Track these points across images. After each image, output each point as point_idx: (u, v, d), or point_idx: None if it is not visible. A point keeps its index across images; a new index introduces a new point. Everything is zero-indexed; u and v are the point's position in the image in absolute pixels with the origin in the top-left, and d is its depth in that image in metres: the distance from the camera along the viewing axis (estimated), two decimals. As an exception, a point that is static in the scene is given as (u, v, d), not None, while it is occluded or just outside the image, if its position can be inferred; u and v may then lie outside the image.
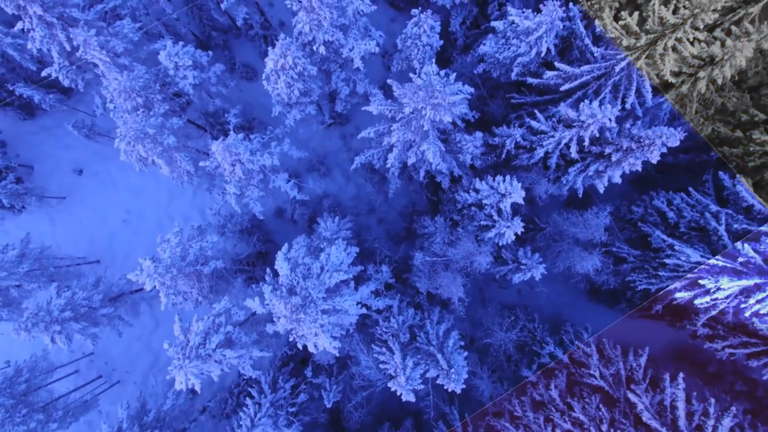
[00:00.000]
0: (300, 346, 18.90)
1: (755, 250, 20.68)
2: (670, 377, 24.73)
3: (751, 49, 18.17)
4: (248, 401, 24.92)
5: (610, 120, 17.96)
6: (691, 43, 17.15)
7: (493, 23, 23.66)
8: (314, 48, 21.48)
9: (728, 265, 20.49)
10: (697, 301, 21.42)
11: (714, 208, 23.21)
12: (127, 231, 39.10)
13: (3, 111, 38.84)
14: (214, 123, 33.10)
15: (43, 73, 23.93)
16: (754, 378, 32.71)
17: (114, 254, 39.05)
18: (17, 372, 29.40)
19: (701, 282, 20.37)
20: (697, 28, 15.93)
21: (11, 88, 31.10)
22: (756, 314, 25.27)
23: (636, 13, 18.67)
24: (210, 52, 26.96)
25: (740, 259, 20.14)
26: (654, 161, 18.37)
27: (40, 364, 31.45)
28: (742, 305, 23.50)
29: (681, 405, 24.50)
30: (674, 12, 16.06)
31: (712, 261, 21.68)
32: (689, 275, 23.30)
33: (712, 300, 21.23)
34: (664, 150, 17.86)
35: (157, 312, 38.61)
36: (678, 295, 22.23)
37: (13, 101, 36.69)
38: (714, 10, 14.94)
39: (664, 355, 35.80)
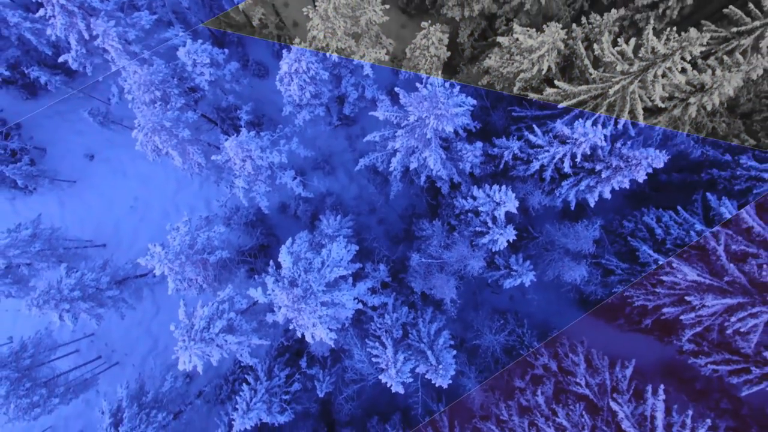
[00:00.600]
0: (299, 334, 19.99)
1: (741, 270, 21.74)
2: (652, 389, 25.79)
3: (739, 80, 19.26)
4: (245, 387, 26.02)
5: (601, 139, 19.07)
6: (681, 72, 18.23)
7: (499, 39, 24.76)
8: (327, 54, 22.58)
9: (714, 283, 21.56)
10: (682, 317, 22.50)
11: (699, 227, 24.30)
12: (134, 217, 40.21)
13: (6, 89, 39.72)
14: (225, 118, 34.20)
15: (60, 59, 24.94)
16: (739, 397, 33.69)
17: (120, 239, 40.15)
18: (23, 347, 30.48)
19: (687, 299, 21.44)
20: (685, 59, 17.04)
21: (26, 71, 32.12)
22: (737, 332, 26.39)
23: (633, 40, 19.77)
24: (226, 50, 28.11)
25: (726, 279, 21.21)
26: (640, 180, 19.48)
27: (45, 341, 32.55)
28: (726, 323, 24.61)
29: (659, 415, 25.60)
30: (665, 43, 17.16)
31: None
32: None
33: (697, 317, 22.30)
34: (650, 170, 18.98)
35: (158, 298, 39.75)
36: (666, 310, 23.28)
37: (15, 80, 37.47)
38: (701, 44, 16.04)
39: (653, 370, 36.81)
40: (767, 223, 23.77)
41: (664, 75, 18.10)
